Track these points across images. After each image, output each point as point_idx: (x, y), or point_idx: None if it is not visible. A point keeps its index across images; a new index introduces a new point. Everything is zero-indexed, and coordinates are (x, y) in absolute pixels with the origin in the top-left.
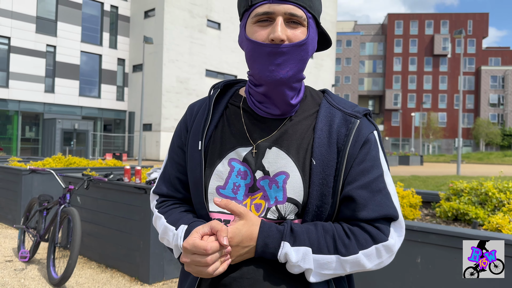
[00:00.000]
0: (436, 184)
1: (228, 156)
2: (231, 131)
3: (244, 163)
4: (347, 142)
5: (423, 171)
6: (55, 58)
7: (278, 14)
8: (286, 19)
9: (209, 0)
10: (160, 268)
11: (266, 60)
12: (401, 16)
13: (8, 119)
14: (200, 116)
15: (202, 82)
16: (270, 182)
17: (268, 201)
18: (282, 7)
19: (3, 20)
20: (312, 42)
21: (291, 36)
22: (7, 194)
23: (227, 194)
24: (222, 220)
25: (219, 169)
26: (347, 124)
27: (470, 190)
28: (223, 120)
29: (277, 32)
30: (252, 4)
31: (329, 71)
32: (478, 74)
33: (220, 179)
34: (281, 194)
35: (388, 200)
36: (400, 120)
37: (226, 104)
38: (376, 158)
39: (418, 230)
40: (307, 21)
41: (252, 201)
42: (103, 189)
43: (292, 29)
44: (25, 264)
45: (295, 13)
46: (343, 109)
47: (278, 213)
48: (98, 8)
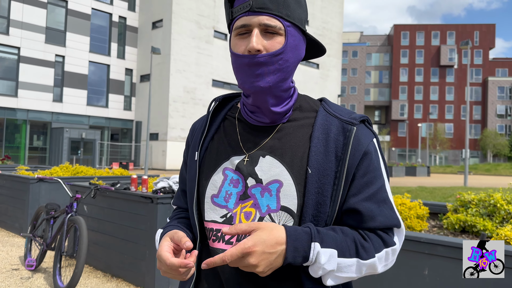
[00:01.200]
0: (443, 196)
1: (223, 166)
2: (227, 141)
3: (236, 171)
4: (346, 152)
5: (430, 182)
6: (64, 68)
7: (254, 26)
8: (263, 29)
9: (216, 12)
10: (165, 278)
11: (247, 71)
12: (407, 27)
13: (17, 128)
14: (199, 129)
15: (209, 92)
16: (263, 190)
17: (259, 209)
18: (257, 19)
19: (13, 31)
20: (293, 50)
21: (268, 46)
22: (14, 202)
23: (219, 202)
24: (214, 229)
25: (214, 178)
26: (345, 132)
27: (478, 201)
28: (220, 131)
29: (252, 43)
30: (232, 18)
31: (335, 81)
32: (485, 85)
33: (215, 188)
34: (274, 203)
35: (392, 212)
36: (407, 131)
37: (224, 117)
38: (377, 168)
39: (425, 242)
40: (284, 30)
41: (242, 209)
42: (110, 198)
43: (269, 39)
44: (31, 272)
45: (269, 24)
46: (340, 116)
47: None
48: (107, 19)
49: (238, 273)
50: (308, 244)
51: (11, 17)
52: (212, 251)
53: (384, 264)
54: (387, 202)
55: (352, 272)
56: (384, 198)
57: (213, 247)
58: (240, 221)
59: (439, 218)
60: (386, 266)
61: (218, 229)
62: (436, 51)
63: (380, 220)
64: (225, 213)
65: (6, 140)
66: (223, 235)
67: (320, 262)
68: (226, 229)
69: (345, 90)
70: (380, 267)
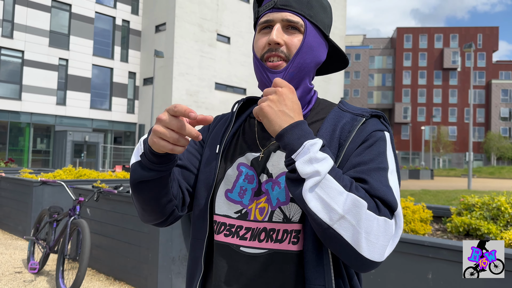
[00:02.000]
0: (447, 199)
1: (238, 161)
2: (244, 139)
3: (251, 168)
4: (348, 137)
5: (434, 185)
6: (67, 71)
7: (276, 21)
8: (285, 25)
9: (219, 15)
10: (168, 281)
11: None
12: (410, 30)
13: (20, 131)
14: (221, 124)
15: (212, 95)
16: (273, 184)
17: (270, 203)
18: (280, 14)
19: (17, 34)
20: (311, 51)
21: (288, 41)
22: (18, 205)
23: (233, 197)
24: (228, 224)
25: (229, 173)
26: (353, 122)
27: (482, 205)
28: (240, 130)
29: (272, 36)
30: (258, 15)
31: (338, 84)
32: (488, 87)
33: (229, 183)
34: (283, 195)
35: (388, 189)
36: (410, 134)
37: (246, 118)
38: (380, 153)
39: (429, 246)
40: (304, 27)
41: (257, 205)
42: (113, 201)
43: (290, 34)
44: (34, 275)
45: (291, 19)
46: (353, 111)
47: (283, 215)
48: (110, 23)
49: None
50: (312, 136)
51: (15, 20)
52: (223, 245)
53: (371, 231)
54: (383, 181)
55: (336, 202)
56: (381, 177)
57: (225, 242)
58: (255, 217)
59: (443, 221)
60: (370, 242)
61: (232, 224)
62: (439, 54)
63: (374, 186)
64: (239, 208)
65: (10, 143)
66: (238, 230)
67: (313, 151)
68: None
69: (348, 93)
70: (373, 227)
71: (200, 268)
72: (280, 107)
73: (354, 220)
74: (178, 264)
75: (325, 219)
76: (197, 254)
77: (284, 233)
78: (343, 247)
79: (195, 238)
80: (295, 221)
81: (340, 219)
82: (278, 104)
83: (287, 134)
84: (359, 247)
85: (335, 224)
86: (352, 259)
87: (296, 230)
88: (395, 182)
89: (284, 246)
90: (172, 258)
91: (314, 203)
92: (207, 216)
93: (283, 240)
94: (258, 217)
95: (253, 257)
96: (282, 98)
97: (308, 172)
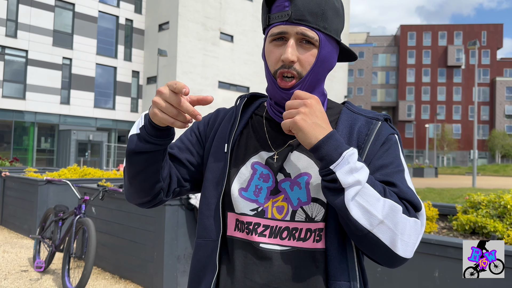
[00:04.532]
0: (452, 197)
1: (251, 160)
2: (255, 137)
3: (266, 166)
4: (367, 141)
5: (438, 183)
6: (71, 70)
7: (291, 35)
8: (299, 39)
9: (222, 13)
10: (173, 280)
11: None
12: (414, 27)
13: (25, 130)
14: (227, 121)
15: (215, 94)
16: (292, 184)
17: (290, 203)
18: (295, 28)
19: (21, 34)
20: (324, 63)
21: (302, 58)
22: (23, 204)
23: (249, 196)
24: (245, 222)
25: (242, 171)
26: (368, 125)
27: (488, 203)
28: (248, 128)
29: (287, 53)
30: (269, 23)
31: (342, 82)
32: (493, 85)
33: (243, 182)
34: (304, 195)
35: (411, 191)
36: (414, 132)
37: (251, 114)
38: (396, 156)
39: (435, 244)
40: (319, 42)
41: (273, 204)
42: (118, 199)
43: (304, 49)
44: (40, 274)
45: (306, 34)
46: (365, 114)
47: (305, 215)
48: (113, 22)
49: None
50: (347, 147)
51: (19, 20)
52: (241, 242)
53: (405, 232)
54: (404, 183)
55: (376, 208)
56: (402, 180)
57: (244, 238)
58: (273, 215)
59: (448, 219)
60: (404, 242)
61: (249, 221)
62: (443, 51)
63: (403, 190)
64: (255, 207)
65: (15, 143)
66: (256, 227)
67: (352, 161)
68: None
69: (351, 91)
70: (407, 228)
71: (211, 268)
72: (312, 119)
73: (391, 224)
74: (183, 263)
75: (365, 225)
76: (206, 253)
77: (307, 232)
78: (380, 249)
79: (204, 238)
80: (318, 220)
81: (380, 224)
82: (311, 116)
83: (324, 146)
84: (395, 247)
85: (374, 229)
86: (387, 258)
87: (319, 228)
88: (411, 183)
89: (308, 244)
90: (178, 257)
91: (356, 211)
92: (219, 214)
93: (306, 239)
94: (277, 215)
95: (276, 253)
96: (312, 110)
97: (350, 182)
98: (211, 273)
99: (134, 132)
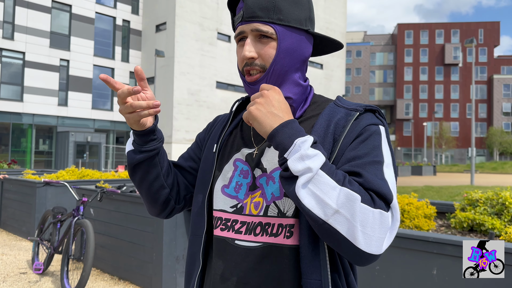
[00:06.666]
0: (450, 195)
1: (234, 157)
2: (240, 136)
3: (246, 163)
4: (342, 132)
5: (437, 181)
6: (69, 72)
7: (248, 33)
8: (257, 35)
9: (219, 14)
10: (173, 281)
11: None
12: (411, 25)
13: (22, 132)
14: (220, 124)
15: (213, 94)
16: (268, 178)
17: (265, 198)
18: (249, 26)
19: (18, 36)
20: (290, 53)
21: (262, 52)
22: (21, 206)
23: (229, 192)
24: (224, 218)
25: (226, 169)
26: (347, 117)
27: (486, 200)
28: (238, 128)
29: (245, 51)
30: (235, 26)
31: (339, 81)
32: (490, 82)
33: (226, 178)
34: (277, 190)
35: (383, 181)
36: (412, 130)
37: None
38: (375, 146)
39: (434, 242)
40: (276, 34)
41: (252, 200)
42: (116, 201)
43: (263, 44)
44: (39, 276)
45: (261, 29)
46: (347, 106)
47: (277, 209)
48: (111, 23)
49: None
50: (303, 134)
51: (15, 22)
52: (219, 239)
53: (367, 224)
54: (378, 174)
55: (330, 197)
56: (376, 172)
57: (221, 235)
58: (250, 211)
59: (447, 217)
60: (367, 234)
61: (227, 218)
62: (440, 49)
63: (368, 179)
64: (235, 203)
65: (12, 145)
66: (233, 224)
67: (304, 148)
68: None
69: (349, 90)
70: (368, 219)
71: (198, 264)
72: (268, 108)
73: (348, 214)
74: (182, 263)
75: (319, 215)
76: (195, 249)
77: (279, 227)
78: (340, 241)
79: (194, 235)
80: (289, 215)
81: (335, 213)
82: (266, 105)
83: (278, 134)
84: (355, 240)
85: (330, 219)
86: (350, 252)
87: (290, 224)
88: (391, 175)
89: (279, 240)
90: (176, 257)
91: (308, 200)
92: (205, 212)
93: (278, 234)
94: (253, 211)
95: (248, 249)
96: (268, 100)
97: (300, 169)
98: (197, 269)
99: (128, 149)
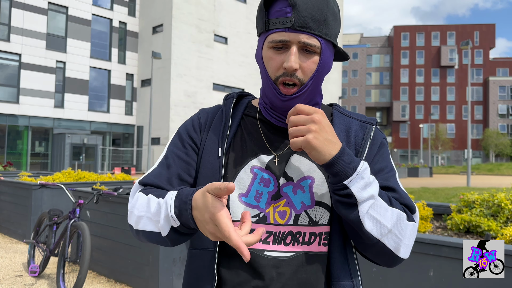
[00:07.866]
0: (446, 196)
1: (250, 164)
2: (250, 140)
3: (267, 171)
4: (364, 145)
5: (433, 183)
6: (65, 73)
7: (293, 43)
8: (301, 47)
9: (216, 15)
10: (169, 283)
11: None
12: (407, 28)
13: (18, 134)
14: (217, 123)
15: (210, 96)
16: (294, 187)
17: (293, 207)
18: (297, 36)
19: (14, 38)
20: (324, 67)
21: (304, 65)
22: (17, 208)
23: (249, 201)
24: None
25: (241, 176)
26: (363, 129)
27: (482, 201)
28: (241, 129)
29: (291, 62)
30: (269, 29)
31: (336, 83)
32: (486, 84)
33: (243, 187)
34: (308, 199)
35: (405, 194)
36: (408, 132)
37: (241, 116)
38: (389, 159)
39: (430, 243)
40: (320, 49)
41: (275, 209)
42: (113, 203)
43: (306, 57)
44: (35, 279)
45: (309, 43)
46: (357, 118)
47: (309, 218)
48: (107, 25)
49: None
50: (359, 161)
51: (12, 24)
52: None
53: (408, 237)
54: (399, 186)
55: (386, 219)
56: (397, 183)
57: (249, 247)
58: (275, 221)
59: (443, 219)
60: (406, 245)
61: (252, 229)
62: (436, 51)
63: (401, 195)
64: (257, 213)
65: (8, 147)
66: None
67: (366, 177)
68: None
69: (346, 92)
70: (408, 233)
71: (211, 278)
72: (324, 135)
73: (398, 231)
74: (179, 266)
75: (376, 235)
76: (205, 263)
77: (311, 236)
78: (385, 253)
79: (199, 248)
80: (323, 223)
81: (388, 233)
82: (321, 133)
83: (339, 162)
84: (398, 252)
85: (383, 237)
86: (389, 261)
87: (324, 232)
88: (401, 184)
89: (313, 248)
90: (173, 260)
91: (369, 223)
92: None
93: (311, 243)
94: (279, 220)
95: (282, 260)
96: (321, 126)
97: (365, 197)
98: (209, 284)
99: (166, 230)
